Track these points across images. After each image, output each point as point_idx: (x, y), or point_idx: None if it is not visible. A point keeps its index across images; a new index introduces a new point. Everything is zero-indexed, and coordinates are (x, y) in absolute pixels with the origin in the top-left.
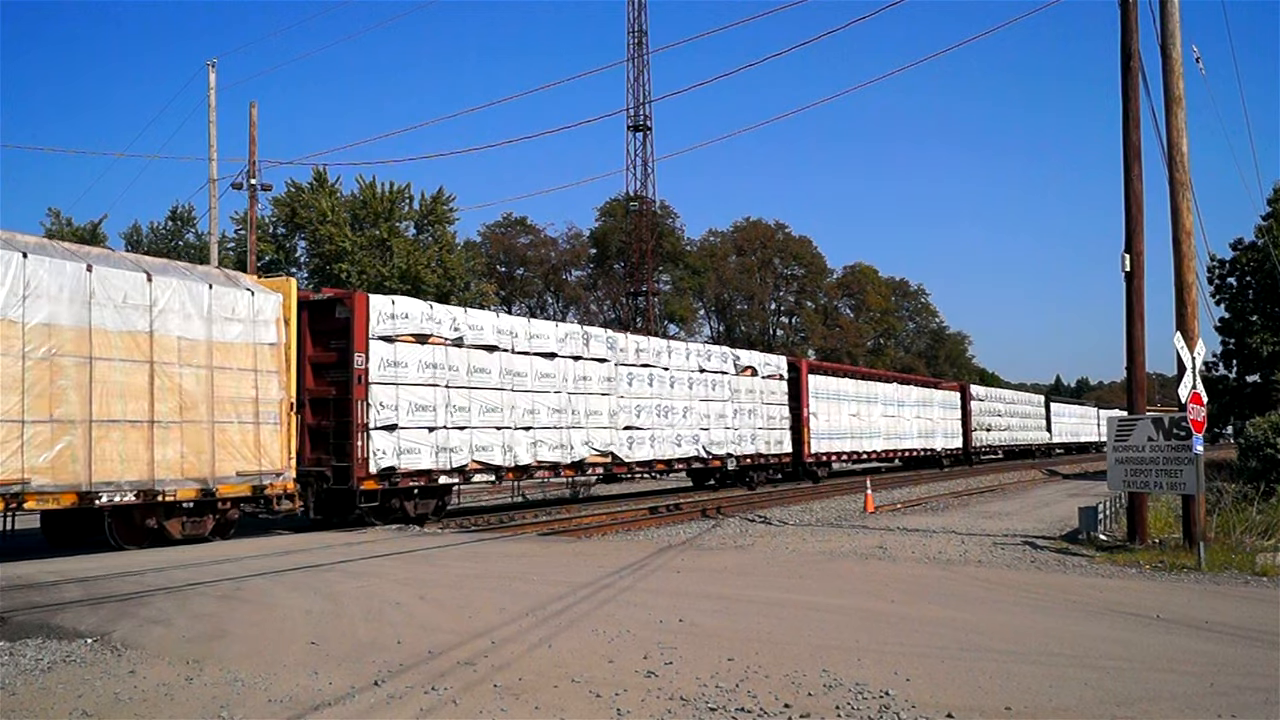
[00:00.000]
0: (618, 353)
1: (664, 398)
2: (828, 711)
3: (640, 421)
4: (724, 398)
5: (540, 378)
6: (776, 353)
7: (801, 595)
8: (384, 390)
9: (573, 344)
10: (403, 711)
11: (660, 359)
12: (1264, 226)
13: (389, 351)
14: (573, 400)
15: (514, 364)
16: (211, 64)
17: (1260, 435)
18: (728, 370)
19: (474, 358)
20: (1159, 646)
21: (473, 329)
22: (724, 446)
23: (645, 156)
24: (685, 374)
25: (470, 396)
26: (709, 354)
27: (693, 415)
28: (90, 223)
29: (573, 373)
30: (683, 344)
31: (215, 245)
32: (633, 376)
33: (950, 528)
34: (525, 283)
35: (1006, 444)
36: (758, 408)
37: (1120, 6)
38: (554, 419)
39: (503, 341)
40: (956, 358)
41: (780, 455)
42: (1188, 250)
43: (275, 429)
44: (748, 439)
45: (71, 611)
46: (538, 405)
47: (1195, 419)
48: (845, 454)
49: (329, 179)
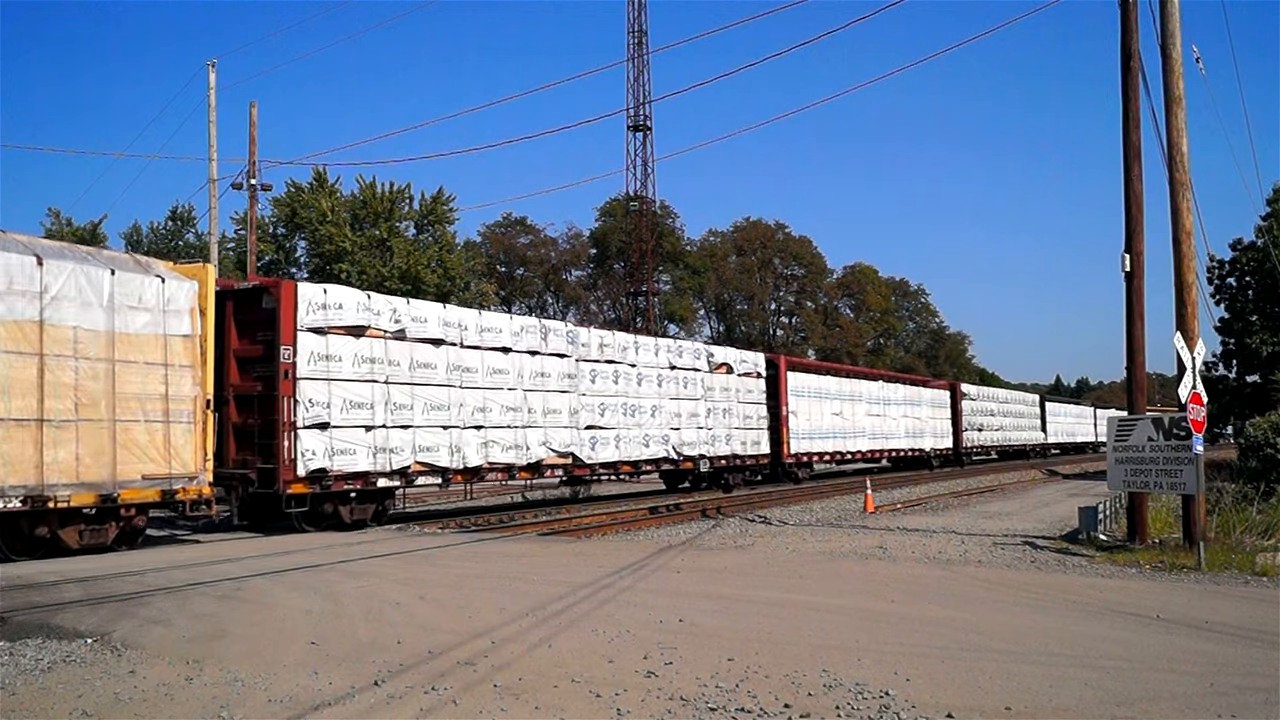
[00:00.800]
0: (579, 348)
1: (631, 396)
2: (828, 711)
3: (604, 421)
4: (696, 396)
5: (493, 373)
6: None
7: (802, 595)
8: (314, 386)
9: (529, 338)
10: (403, 711)
11: (627, 355)
12: (1264, 226)
13: (320, 344)
14: (529, 398)
15: (463, 359)
16: (211, 64)
17: (1260, 435)
18: (700, 367)
19: (418, 352)
20: (1159, 646)
21: (416, 321)
22: (696, 447)
23: (645, 156)
24: (654, 371)
25: (413, 393)
26: (680, 350)
27: (662, 414)
28: (90, 223)
29: (529, 368)
30: (651, 339)
31: (215, 245)
32: (596, 373)
33: (950, 528)
34: (525, 283)
35: (999, 444)
36: (733, 406)
37: (1120, 6)
38: (508, 418)
39: (450, 335)
40: (956, 358)
41: (758, 456)
42: (1188, 250)
43: (189, 428)
44: (722, 439)
45: (71, 611)
46: (490, 403)
47: (1195, 419)
48: (828, 454)
49: (329, 179)
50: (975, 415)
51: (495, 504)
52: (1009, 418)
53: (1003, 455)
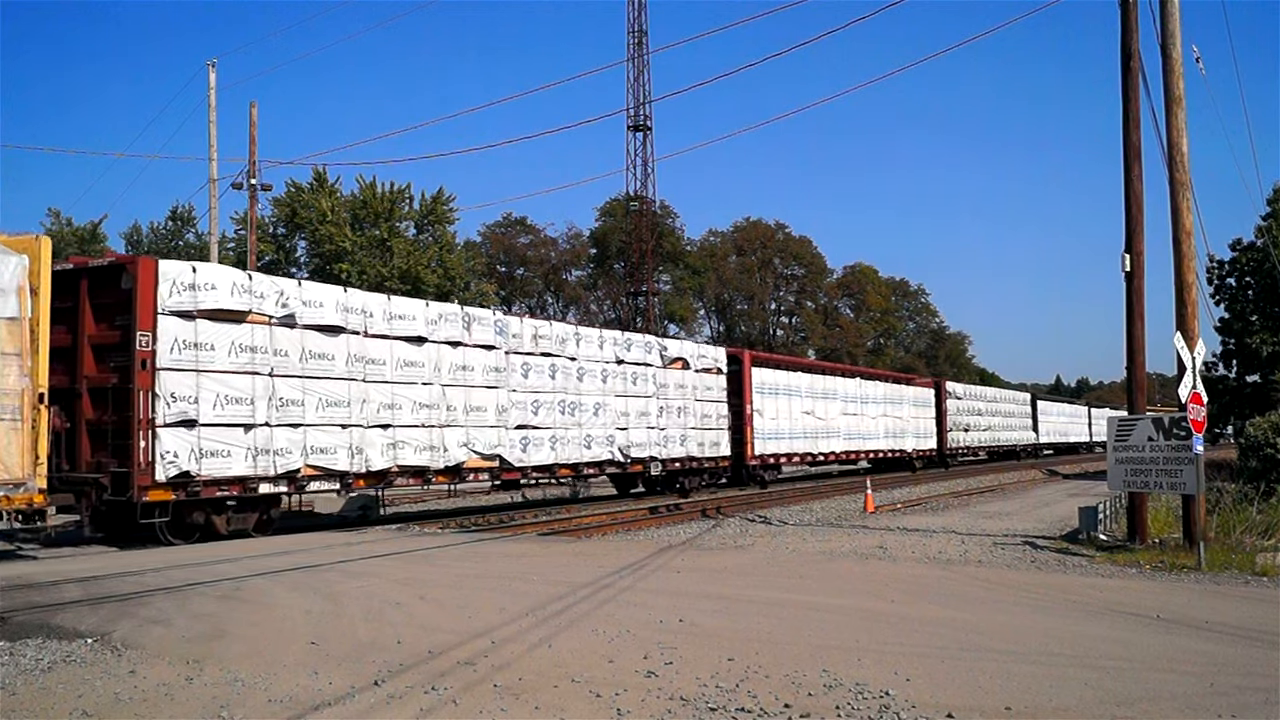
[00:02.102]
0: (510, 339)
1: (570, 392)
2: (828, 711)
3: (539, 419)
4: (647, 393)
5: (404, 366)
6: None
7: (802, 595)
8: (179, 378)
9: (449, 327)
10: (403, 711)
11: (566, 347)
12: (1264, 227)
13: (187, 330)
14: (449, 394)
15: (368, 349)
16: (211, 64)
17: (1260, 435)
18: (652, 362)
19: (311, 341)
20: (1159, 646)
21: (309, 306)
22: (647, 448)
23: (645, 156)
24: (598, 365)
25: (305, 387)
26: (629, 343)
27: (607, 413)
28: (90, 223)
29: (449, 361)
30: (596, 331)
31: (215, 245)
32: (530, 367)
33: (950, 528)
34: (525, 283)
35: (988, 444)
36: (689, 404)
37: (1120, 6)
38: (422, 416)
39: (352, 322)
40: (956, 358)
41: (718, 458)
42: (1188, 250)
43: (14, 427)
44: (676, 440)
45: (71, 611)
46: (400, 399)
47: (1195, 419)
48: (797, 456)
49: (329, 179)
50: (961, 415)
51: (495, 504)
52: (998, 417)
53: (992, 456)
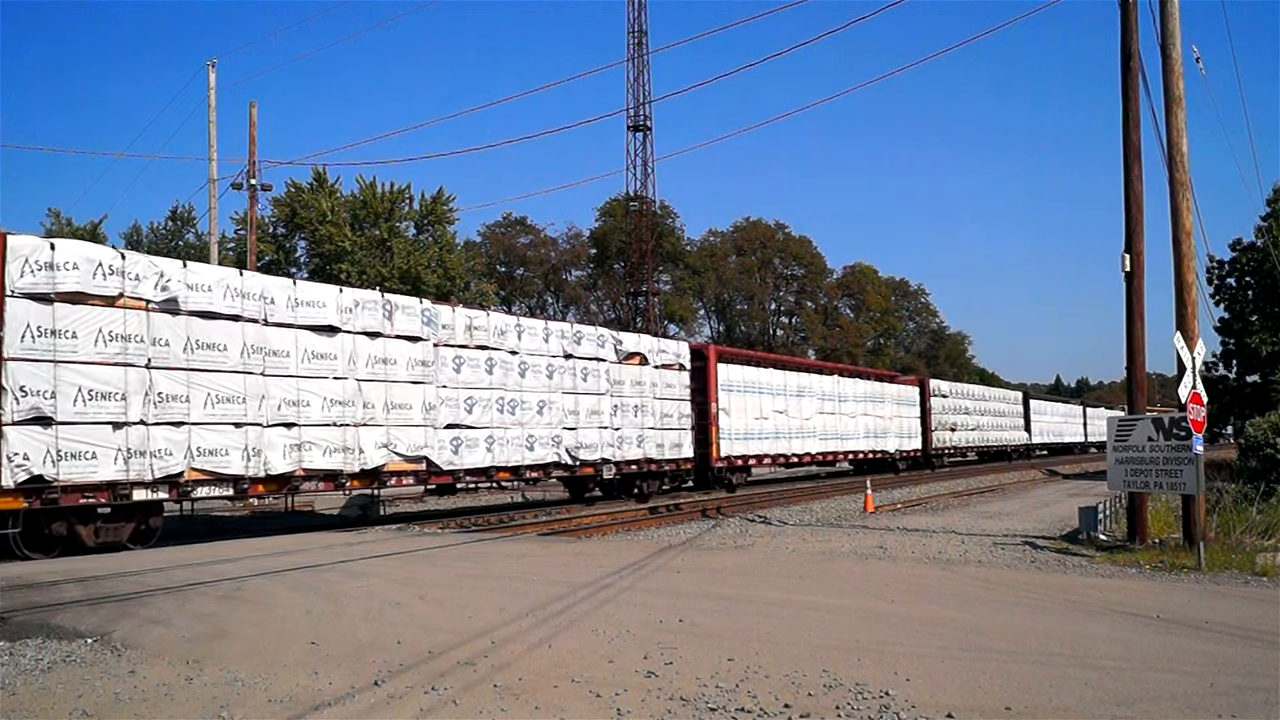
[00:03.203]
0: (439, 330)
1: (510, 389)
2: (828, 711)
3: (473, 418)
4: (599, 390)
5: (313, 359)
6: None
7: (801, 595)
8: (30, 369)
9: (366, 316)
10: (403, 711)
11: (505, 340)
12: (1263, 227)
13: (43, 315)
14: (366, 390)
15: (268, 339)
16: (211, 64)
17: (1260, 435)
18: (605, 357)
19: (198, 329)
20: (1159, 646)
21: (196, 290)
22: (598, 450)
23: (645, 156)
24: (543, 359)
25: (190, 381)
26: (579, 336)
27: (553, 411)
28: (90, 223)
29: (366, 353)
30: (541, 322)
31: (215, 245)
32: (462, 361)
33: (950, 528)
34: (525, 283)
35: (977, 445)
36: (648, 403)
37: (1120, 6)
38: (334, 414)
39: (248, 309)
40: (956, 358)
41: (679, 460)
42: (1188, 250)
43: None
44: (632, 440)
45: (71, 611)
46: (307, 395)
47: (1195, 419)
48: (769, 457)
49: (329, 179)
50: (948, 414)
51: (495, 504)
52: (987, 416)
53: (982, 457)
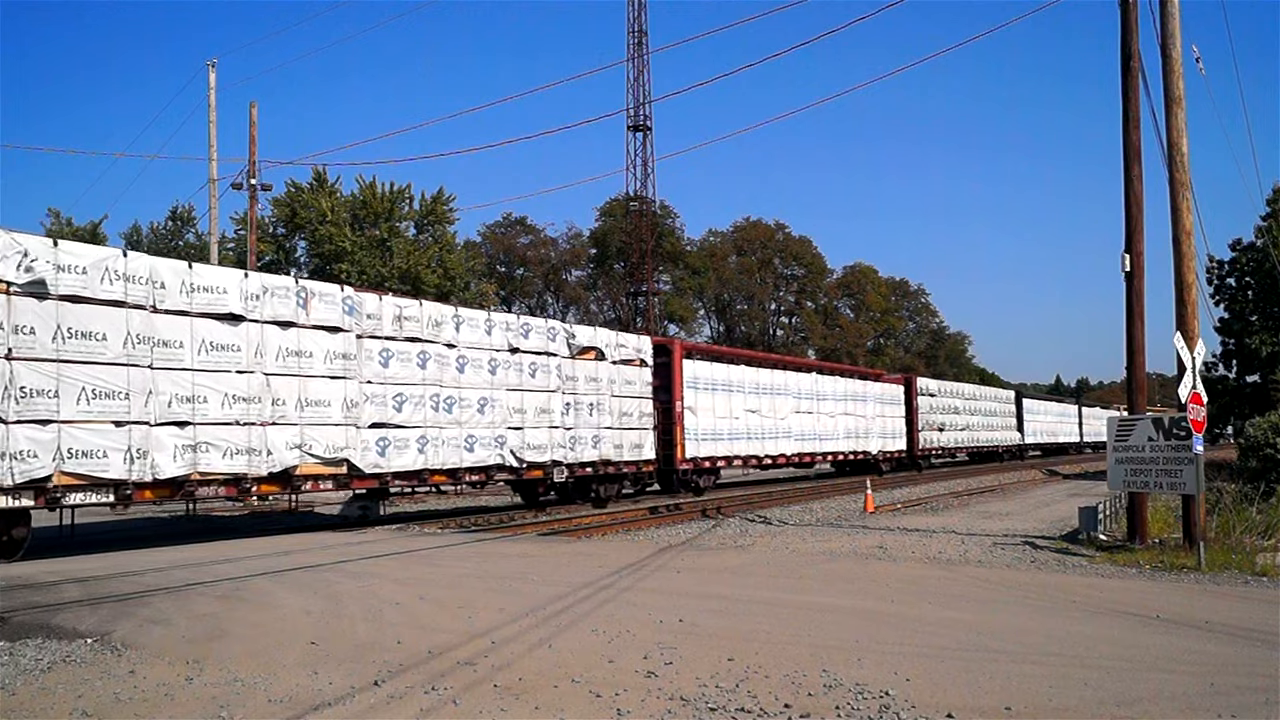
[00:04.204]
0: (364, 320)
1: (447, 385)
2: (828, 711)
3: (403, 417)
4: (550, 387)
5: (211, 350)
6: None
7: (801, 595)
8: None
9: (277, 303)
10: (403, 711)
11: (442, 332)
12: (1263, 227)
13: None
14: (276, 385)
15: (156, 328)
16: (211, 64)
17: (1260, 435)
18: (557, 351)
19: (70, 315)
20: (1159, 646)
21: (67, 271)
22: (548, 451)
23: (645, 156)
24: (485, 354)
25: (61, 374)
26: (526, 329)
27: (496, 410)
28: (90, 222)
29: (276, 345)
30: (482, 313)
31: (215, 245)
32: (391, 354)
33: (950, 528)
34: (525, 283)
35: (967, 445)
36: (604, 400)
37: (1120, 6)
38: (236, 411)
39: (133, 294)
40: (956, 358)
41: (640, 462)
42: (1188, 250)
43: None
44: (587, 441)
45: (71, 611)
46: (205, 390)
47: (1195, 419)
48: (739, 459)
49: (329, 179)
50: (935, 413)
51: (495, 504)
52: (978, 416)
53: (973, 458)
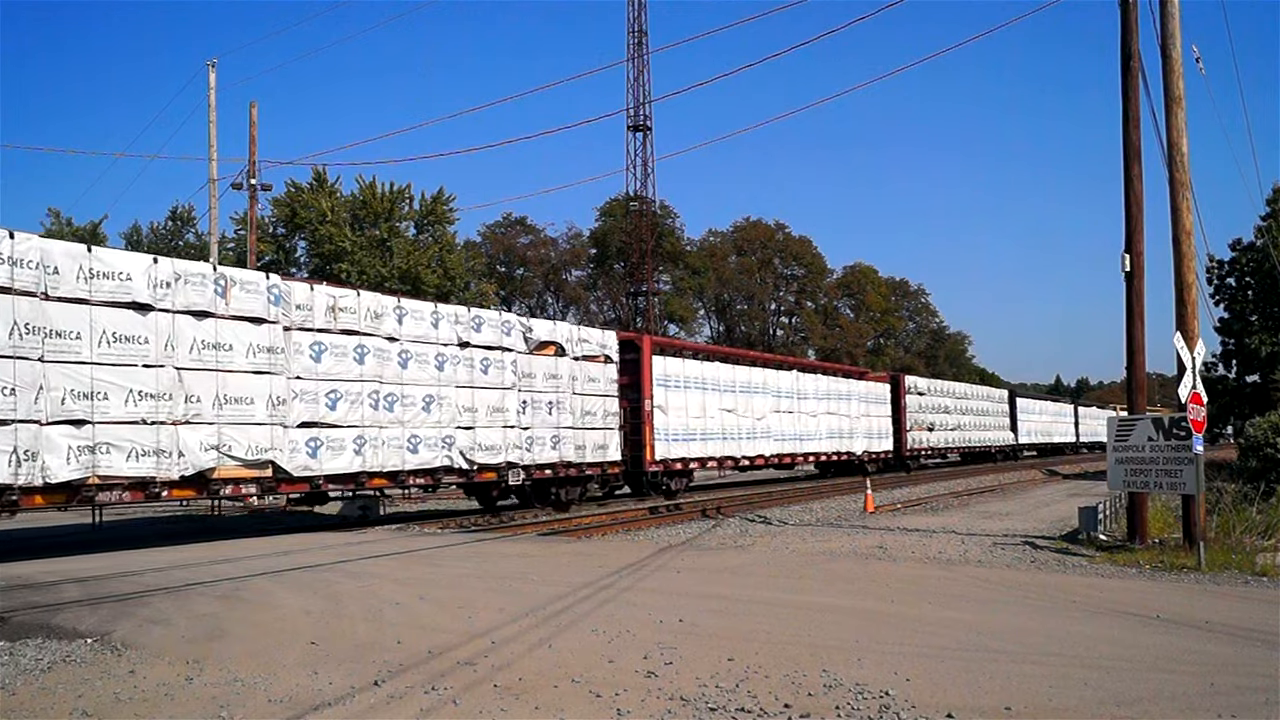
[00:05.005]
0: (293, 310)
1: (388, 381)
2: (828, 711)
3: (337, 416)
4: (505, 384)
5: (115, 342)
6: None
7: (801, 595)
8: None
9: (191, 292)
10: (403, 711)
11: (382, 324)
12: (1263, 227)
13: None
14: (189, 380)
15: (50, 317)
16: (211, 64)
17: (1260, 435)
18: (512, 346)
19: None
20: (1159, 646)
21: None
22: (501, 452)
23: (645, 156)
24: (431, 348)
25: None
26: (478, 322)
27: (445, 408)
28: (90, 223)
29: (192, 336)
30: (428, 305)
31: (215, 245)
32: (324, 348)
33: (950, 528)
34: (525, 283)
35: (958, 445)
36: (565, 399)
37: (1120, 6)
38: (143, 409)
39: (21, 279)
40: (956, 358)
41: (605, 464)
42: (1188, 250)
43: None
44: (545, 441)
45: (71, 611)
46: (105, 386)
47: (1195, 419)
48: (714, 460)
49: (329, 179)
50: (924, 413)
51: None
52: (969, 415)
53: (965, 458)
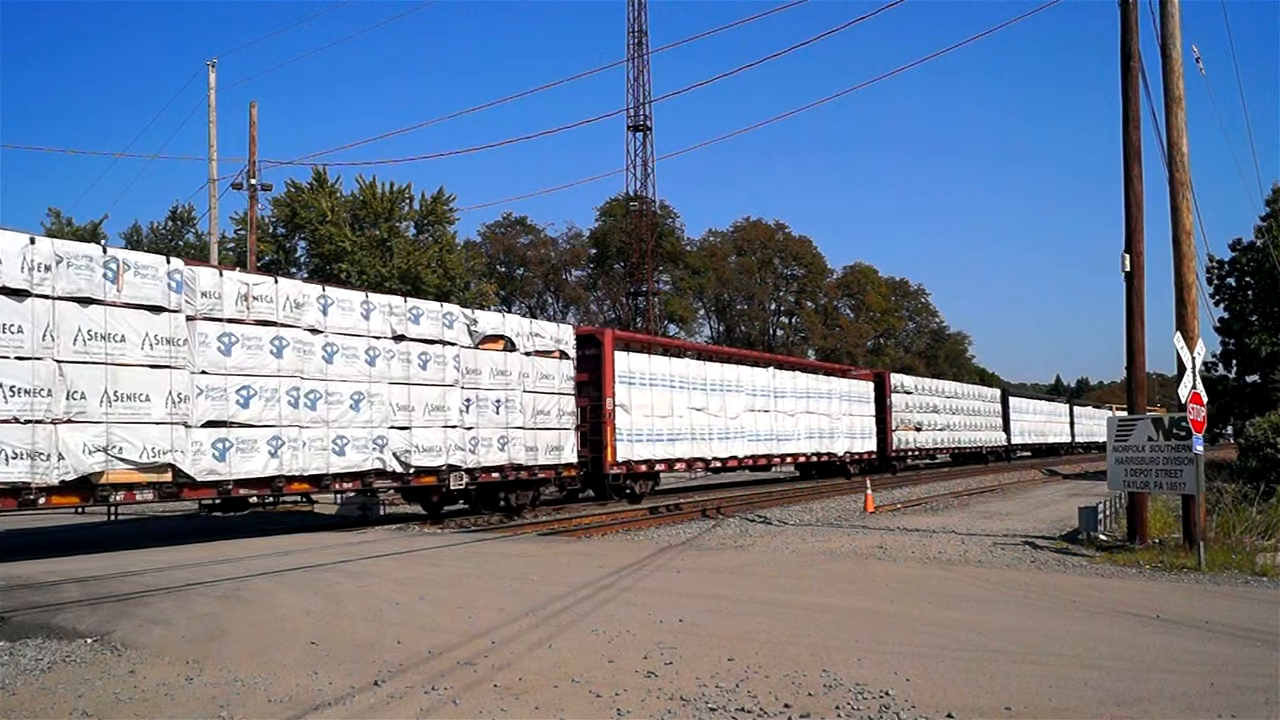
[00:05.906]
0: (199, 299)
1: (310, 376)
2: (828, 711)
3: (249, 414)
4: (445, 381)
5: None
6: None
7: (801, 595)
8: None
9: (75, 277)
10: (403, 711)
11: (303, 315)
12: (1263, 227)
13: None
14: (72, 374)
15: None
16: (211, 64)
17: (1260, 435)
18: (455, 340)
19: None
20: (1159, 646)
21: None
22: (442, 454)
23: (645, 156)
24: (362, 341)
25: None
26: (416, 312)
27: (375, 406)
28: (90, 222)
29: (75, 325)
30: (358, 294)
31: (215, 245)
32: (235, 340)
33: (950, 528)
34: (525, 283)
35: (948, 446)
36: (515, 397)
37: (1120, 6)
38: (15, 406)
39: None
40: (956, 358)
41: (559, 466)
42: (1188, 250)
43: None
44: (492, 443)
45: (71, 611)
46: None
47: (1195, 419)
48: (682, 461)
49: (329, 179)
50: (911, 412)
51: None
52: (959, 415)
53: (955, 459)
